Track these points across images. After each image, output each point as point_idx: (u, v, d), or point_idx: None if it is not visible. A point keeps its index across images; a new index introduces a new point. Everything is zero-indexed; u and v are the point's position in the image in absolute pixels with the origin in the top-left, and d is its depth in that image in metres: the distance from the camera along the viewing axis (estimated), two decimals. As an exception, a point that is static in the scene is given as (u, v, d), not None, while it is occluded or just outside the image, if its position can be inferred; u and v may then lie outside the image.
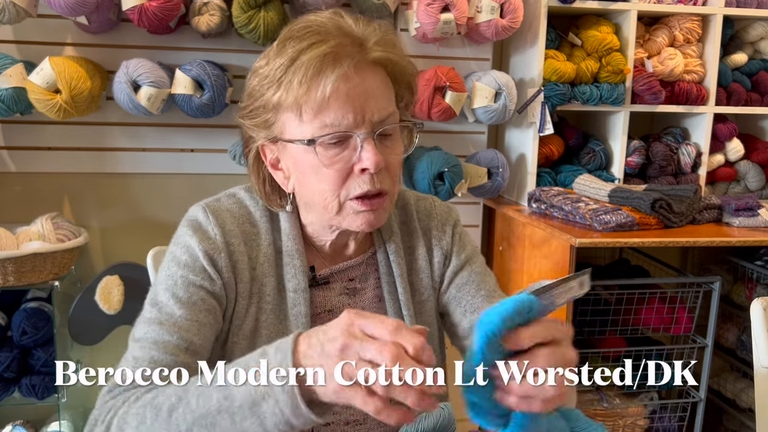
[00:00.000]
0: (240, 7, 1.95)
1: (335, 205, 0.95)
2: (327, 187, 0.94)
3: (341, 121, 0.90)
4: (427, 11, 2.05)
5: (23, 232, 1.92)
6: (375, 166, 0.91)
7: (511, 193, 2.41)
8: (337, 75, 0.88)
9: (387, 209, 0.98)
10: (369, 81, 0.91)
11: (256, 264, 1.01)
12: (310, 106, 0.90)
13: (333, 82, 0.88)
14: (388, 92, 0.94)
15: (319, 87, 0.88)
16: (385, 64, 0.94)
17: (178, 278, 0.96)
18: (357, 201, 0.94)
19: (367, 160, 0.91)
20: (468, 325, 1.07)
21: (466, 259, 1.11)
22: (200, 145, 2.22)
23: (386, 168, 0.94)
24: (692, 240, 1.95)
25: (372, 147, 0.91)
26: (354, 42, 0.91)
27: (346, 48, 0.90)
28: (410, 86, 1.00)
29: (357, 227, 0.97)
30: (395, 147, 0.96)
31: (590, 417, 2.30)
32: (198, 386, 0.79)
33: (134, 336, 0.94)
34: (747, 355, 2.31)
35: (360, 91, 0.90)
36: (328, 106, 0.89)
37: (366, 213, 0.95)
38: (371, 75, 0.92)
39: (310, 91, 0.89)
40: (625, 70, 2.23)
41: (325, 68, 0.88)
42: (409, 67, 0.98)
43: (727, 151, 2.48)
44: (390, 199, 0.97)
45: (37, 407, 2.12)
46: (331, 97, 0.88)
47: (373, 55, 0.92)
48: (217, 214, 1.01)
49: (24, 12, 1.88)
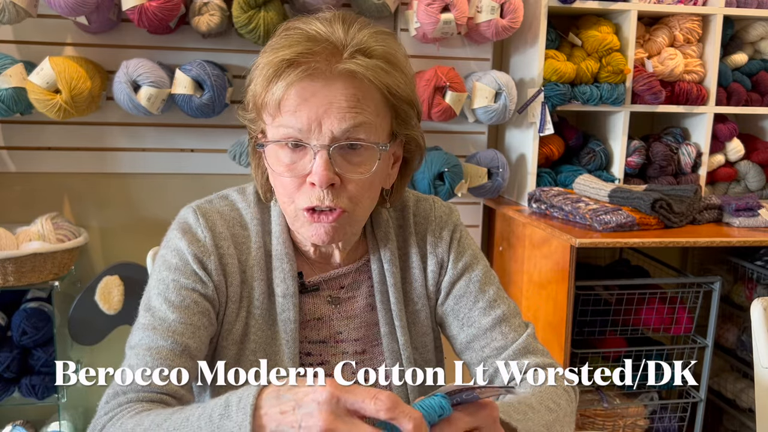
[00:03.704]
0: (240, 7, 1.95)
1: (291, 211, 0.94)
2: (283, 192, 0.93)
3: (294, 125, 0.87)
4: (427, 11, 2.05)
5: (23, 232, 1.92)
6: (321, 181, 0.87)
7: (511, 193, 2.41)
8: (287, 82, 0.85)
9: (344, 227, 0.93)
10: (336, 91, 0.87)
11: (246, 267, 1.00)
12: (268, 110, 0.89)
13: (283, 88, 0.86)
14: (360, 104, 0.88)
15: (272, 91, 0.87)
16: (369, 77, 0.89)
17: (170, 282, 0.95)
18: (307, 212, 0.91)
19: (315, 174, 0.88)
20: (465, 339, 1.05)
21: (464, 268, 1.07)
22: (200, 145, 2.22)
23: (343, 185, 0.90)
24: (692, 240, 1.94)
25: (324, 161, 0.87)
26: (328, 50, 0.87)
27: (315, 56, 0.86)
28: (407, 100, 0.94)
29: (310, 239, 0.95)
30: (362, 165, 0.91)
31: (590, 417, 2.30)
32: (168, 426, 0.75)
33: (130, 343, 0.93)
34: (747, 355, 2.31)
35: (320, 100, 0.86)
36: (280, 111, 0.88)
37: (316, 225, 0.92)
38: (341, 85, 0.87)
39: (265, 93, 0.88)
40: (626, 70, 2.22)
41: (279, 73, 0.86)
42: (401, 86, 0.92)
43: (727, 151, 2.47)
44: (350, 218, 0.93)
45: (37, 407, 2.12)
46: (282, 101, 0.87)
47: (344, 66, 0.87)
48: (207, 216, 1.00)
49: (24, 12, 1.88)
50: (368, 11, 2.10)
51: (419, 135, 0.99)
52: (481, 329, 1.04)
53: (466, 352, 1.06)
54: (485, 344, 1.03)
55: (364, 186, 0.92)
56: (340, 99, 0.87)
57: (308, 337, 1.02)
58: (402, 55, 0.94)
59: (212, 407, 0.71)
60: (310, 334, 1.02)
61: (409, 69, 0.96)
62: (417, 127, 0.98)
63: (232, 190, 1.06)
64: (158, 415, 0.78)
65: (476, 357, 1.04)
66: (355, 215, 0.94)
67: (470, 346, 1.05)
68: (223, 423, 0.67)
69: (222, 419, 0.67)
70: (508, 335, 1.03)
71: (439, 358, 1.11)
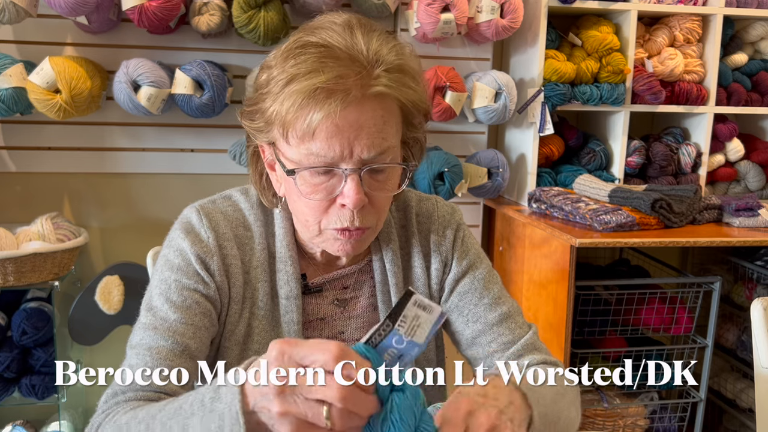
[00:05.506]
0: (240, 7, 1.95)
1: (315, 229, 0.94)
2: (308, 212, 0.92)
3: (327, 153, 0.86)
4: (427, 11, 2.05)
5: (23, 232, 1.92)
6: (354, 204, 0.88)
7: (511, 193, 2.41)
8: (326, 112, 0.83)
9: (368, 239, 0.96)
10: (366, 114, 0.86)
11: (250, 268, 1.00)
12: (296, 133, 0.87)
13: (320, 119, 0.84)
14: (386, 126, 0.88)
15: (306, 119, 0.84)
16: (397, 97, 0.89)
17: (172, 282, 0.95)
18: (337, 231, 0.92)
19: (348, 198, 0.88)
20: (471, 335, 1.05)
21: (468, 266, 1.08)
22: (200, 145, 2.22)
23: (371, 204, 0.91)
24: (692, 240, 1.94)
25: (355, 184, 0.87)
26: (359, 71, 0.85)
27: (346, 80, 0.84)
28: (423, 111, 0.95)
29: (335, 252, 0.95)
30: (387, 182, 0.92)
31: (590, 417, 2.30)
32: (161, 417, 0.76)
33: (131, 343, 0.93)
34: (747, 356, 2.31)
35: (352, 125, 0.85)
36: (313, 138, 0.85)
37: (344, 242, 0.93)
38: (370, 107, 0.86)
39: (297, 119, 0.85)
40: (626, 70, 2.22)
41: (314, 103, 0.84)
42: (419, 97, 0.92)
43: (727, 151, 2.47)
44: (373, 231, 0.95)
45: (37, 407, 2.12)
46: (317, 130, 0.84)
47: (376, 89, 0.86)
48: (210, 216, 1.00)
49: (24, 12, 1.88)
50: (368, 11, 2.10)
51: (422, 135, 0.99)
52: (488, 324, 1.04)
53: (472, 347, 1.05)
54: (492, 339, 1.03)
55: (387, 200, 0.95)
56: (370, 124, 0.86)
57: (311, 337, 1.02)
58: (417, 65, 0.94)
59: (203, 392, 0.72)
60: (313, 334, 1.03)
61: (423, 78, 0.96)
62: (421, 128, 0.99)
63: (235, 190, 1.06)
64: (152, 407, 0.79)
65: (482, 352, 1.04)
66: (377, 228, 0.96)
67: (476, 341, 1.05)
68: (215, 405, 0.69)
69: (213, 402, 0.70)
70: (515, 330, 1.04)
71: (440, 357, 1.12)
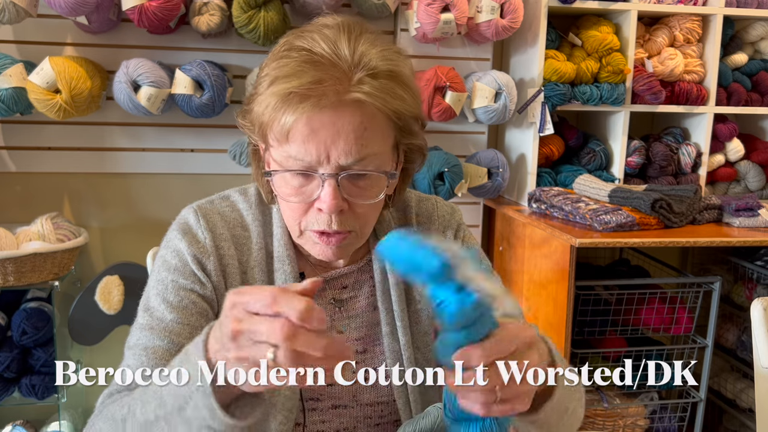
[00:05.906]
0: (240, 7, 1.95)
1: (296, 230, 0.94)
2: (290, 213, 0.93)
3: (304, 156, 0.86)
4: (427, 11, 2.05)
5: (23, 232, 1.92)
6: (330, 209, 0.88)
7: (511, 193, 2.41)
8: (297, 116, 0.83)
9: (352, 245, 0.95)
10: (344, 119, 0.84)
11: (247, 268, 1.00)
12: (275, 135, 0.87)
13: (292, 122, 0.84)
14: (367, 133, 0.86)
15: (280, 121, 0.85)
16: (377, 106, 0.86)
17: (169, 282, 0.96)
18: (315, 234, 0.92)
19: (324, 203, 0.87)
20: None
21: None
22: (200, 145, 2.22)
23: (351, 209, 0.90)
24: (692, 240, 1.94)
25: (332, 189, 0.87)
26: (337, 77, 0.84)
27: (321, 85, 0.83)
28: (412, 116, 0.93)
29: (316, 256, 0.95)
30: (370, 189, 0.90)
31: (590, 417, 2.29)
32: (142, 394, 0.79)
33: (128, 343, 0.94)
34: (747, 356, 2.31)
35: (328, 129, 0.84)
36: (288, 141, 0.86)
37: (323, 247, 0.93)
38: (349, 113, 0.85)
39: (273, 121, 0.86)
40: (626, 70, 2.22)
41: (287, 106, 0.84)
42: (406, 106, 0.90)
43: (727, 151, 2.47)
44: (357, 236, 0.94)
45: (37, 407, 2.12)
46: (291, 133, 0.85)
47: (354, 95, 0.84)
48: (208, 217, 1.00)
49: (24, 12, 1.88)
50: (368, 11, 2.10)
51: (422, 141, 0.98)
52: None
53: None
54: None
55: (371, 207, 0.93)
56: (348, 129, 0.85)
57: None
58: (409, 70, 0.92)
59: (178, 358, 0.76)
60: None
61: (415, 84, 0.94)
62: (420, 135, 0.97)
63: (233, 190, 1.06)
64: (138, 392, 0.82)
65: None
66: (362, 233, 0.95)
67: None
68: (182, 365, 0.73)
69: (181, 363, 0.74)
70: None
71: None
